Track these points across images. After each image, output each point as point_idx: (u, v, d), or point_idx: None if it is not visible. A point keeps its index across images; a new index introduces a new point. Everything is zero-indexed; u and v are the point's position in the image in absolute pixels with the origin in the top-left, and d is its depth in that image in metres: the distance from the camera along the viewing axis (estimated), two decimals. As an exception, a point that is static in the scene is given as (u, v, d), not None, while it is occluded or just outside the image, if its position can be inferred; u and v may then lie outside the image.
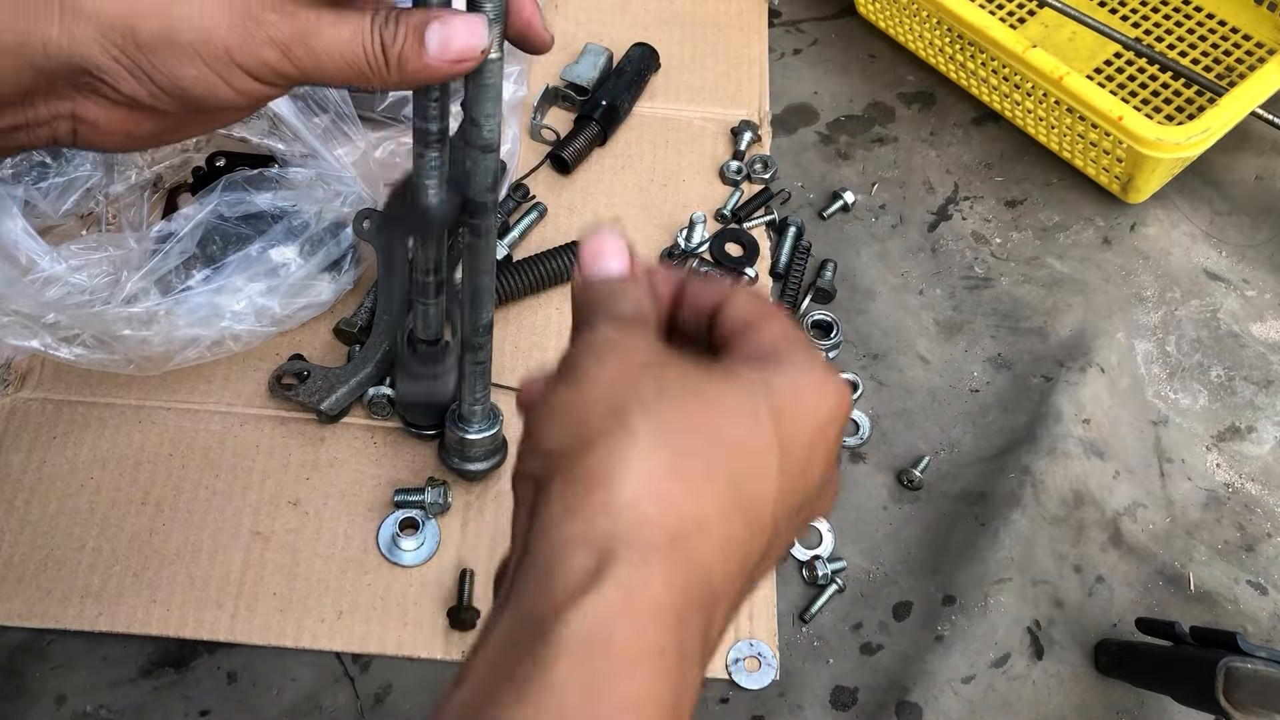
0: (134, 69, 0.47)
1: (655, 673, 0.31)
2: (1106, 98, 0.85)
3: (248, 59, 0.47)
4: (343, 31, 0.48)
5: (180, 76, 0.47)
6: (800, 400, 0.37)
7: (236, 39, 0.47)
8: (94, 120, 0.49)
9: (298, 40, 0.47)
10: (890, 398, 0.85)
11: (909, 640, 0.74)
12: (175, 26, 0.46)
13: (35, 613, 0.73)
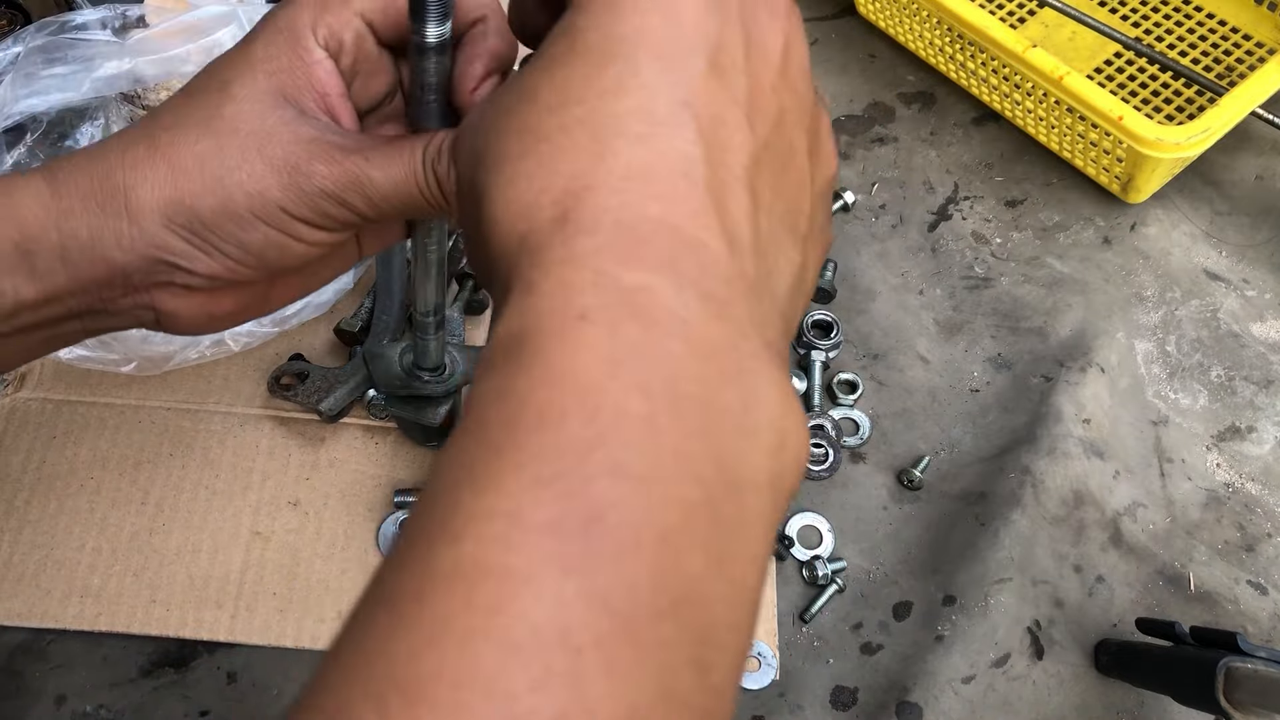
0: (204, 246, 0.47)
1: None
2: (1106, 98, 0.85)
3: (306, 213, 0.47)
4: (394, 173, 0.47)
5: (247, 243, 0.47)
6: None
7: (291, 198, 0.47)
8: (173, 310, 0.50)
9: (351, 189, 0.47)
10: (890, 398, 0.85)
11: (909, 640, 0.74)
12: (231, 196, 0.46)
13: (35, 612, 0.73)
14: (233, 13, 0.81)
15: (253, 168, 0.46)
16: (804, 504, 0.80)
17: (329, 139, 0.48)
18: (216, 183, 0.46)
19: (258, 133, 0.47)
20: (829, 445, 0.81)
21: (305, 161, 0.47)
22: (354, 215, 0.48)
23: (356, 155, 0.47)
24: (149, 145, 0.47)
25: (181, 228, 0.47)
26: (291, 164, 0.47)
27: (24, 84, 0.77)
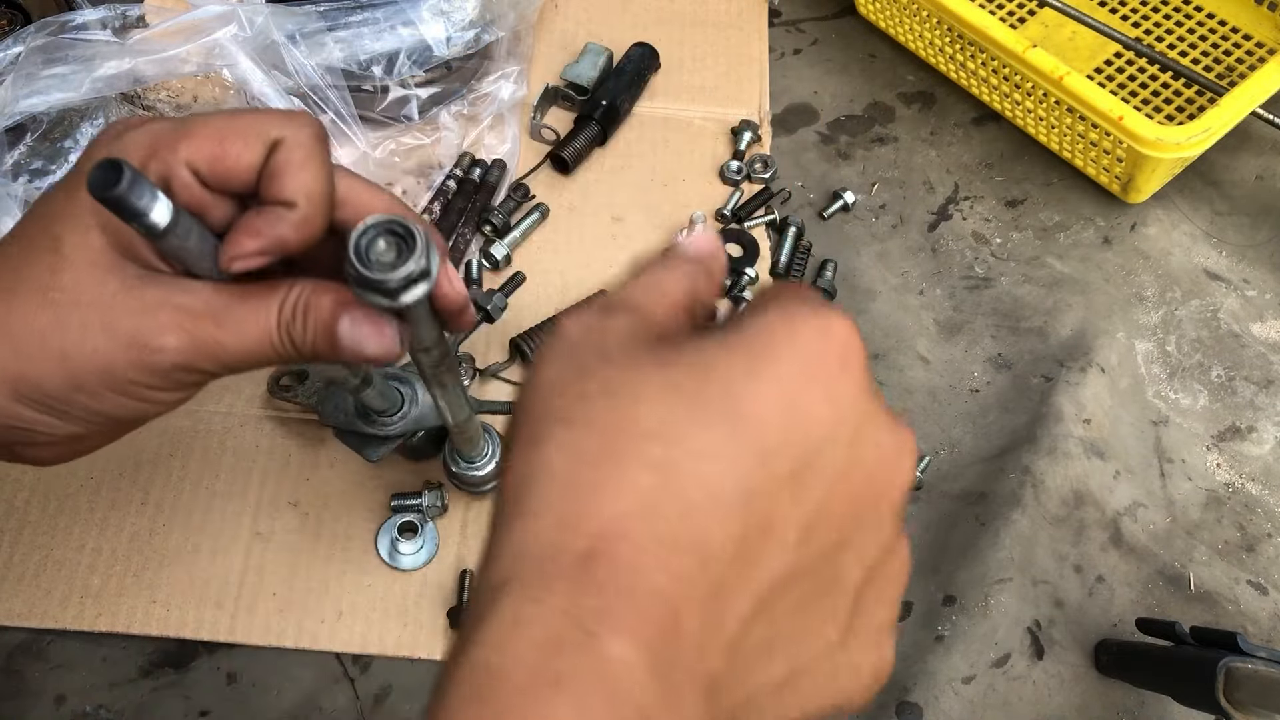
0: (55, 413, 0.47)
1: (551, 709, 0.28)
2: (1107, 98, 0.85)
3: (157, 381, 0.46)
4: (248, 332, 0.46)
5: (99, 409, 0.47)
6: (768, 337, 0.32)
7: (139, 372, 0.46)
8: (34, 457, 0.49)
9: (204, 355, 0.46)
10: (890, 398, 0.85)
11: (909, 640, 0.74)
12: (77, 373, 0.45)
13: (35, 613, 0.73)
14: (233, 12, 0.81)
15: (97, 344, 0.45)
16: (804, 504, 0.80)
17: (174, 302, 0.46)
18: (61, 360, 0.45)
19: (98, 304, 0.45)
20: (829, 445, 0.81)
21: (153, 336, 0.45)
22: (205, 378, 0.48)
23: (206, 320, 0.46)
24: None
25: (29, 401, 0.46)
26: (139, 340, 0.45)
27: (24, 84, 0.77)
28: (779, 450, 0.31)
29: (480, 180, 0.93)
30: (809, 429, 0.32)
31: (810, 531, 0.32)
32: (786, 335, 0.32)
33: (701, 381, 0.32)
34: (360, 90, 0.89)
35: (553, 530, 0.30)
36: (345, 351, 0.47)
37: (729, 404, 0.31)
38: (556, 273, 0.90)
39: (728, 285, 0.88)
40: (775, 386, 0.32)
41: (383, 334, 0.47)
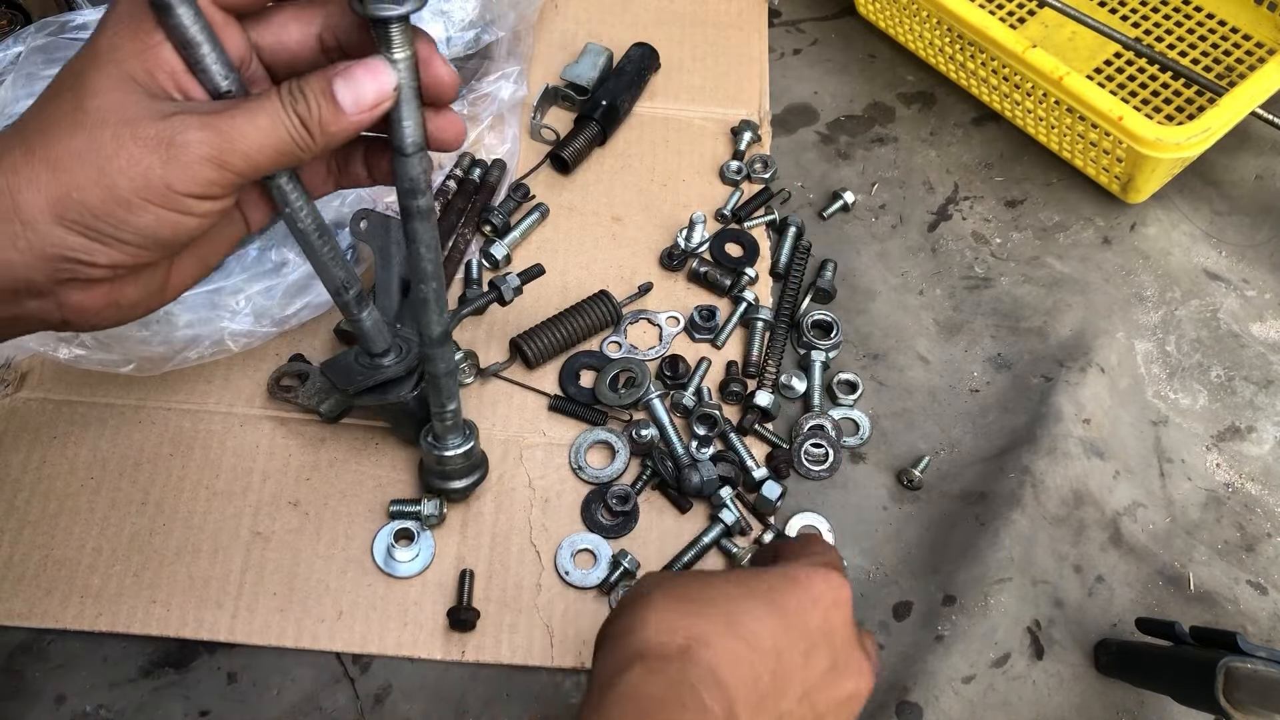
0: (99, 236, 0.48)
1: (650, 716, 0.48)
2: (1106, 98, 0.85)
3: (189, 184, 0.48)
4: (260, 121, 0.49)
5: (140, 226, 0.49)
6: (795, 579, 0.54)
7: (172, 172, 0.48)
8: (78, 304, 0.51)
9: (227, 148, 0.49)
10: (890, 398, 0.85)
11: (909, 640, 0.74)
12: (115, 184, 0.47)
13: (35, 612, 0.73)
14: (233, 13, 0.81)
15: (130, 153, 0.47)
16: (804, 504, 0.80)
17: (192, 108, 0.49)
18: (98, 173, 0.47)
19: (125, 119, 0.48)
20: (829, 445, 0.81)
21: (178, 134, 0.48)
22: (234, 175, 0.49)
23: (223, 115, 0.49)
24: (24, 150, 0.48)
25: (74, 223, 0.48)
26: (165, 140, 0.48)
27: (25, 84, 0.77)
28: (797, 634, 0.52)
29: (480, 180, 0.93)
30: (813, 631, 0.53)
31: (809, 692, 0.53)
32: (806, 576, 0.54)
33: (753, 580, 0.54)
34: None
35: (660, 634, 0.51)
36: (345, 105, 0.49)
37: (772, 598, 0.53)
38: (557, 272, 0.90)
39: (728, 285, 0.88)
40: (796, 600, 0.54)
41: (377, 75, 0.50)
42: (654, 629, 0.51)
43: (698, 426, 0.81)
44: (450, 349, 0.66)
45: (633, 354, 0.86)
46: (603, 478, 0.80)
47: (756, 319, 0.86)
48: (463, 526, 0.78)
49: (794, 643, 0.52)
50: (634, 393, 0.82)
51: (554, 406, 0.83)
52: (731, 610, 0.52)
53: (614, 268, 0.90)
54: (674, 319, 0.87)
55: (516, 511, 0.78)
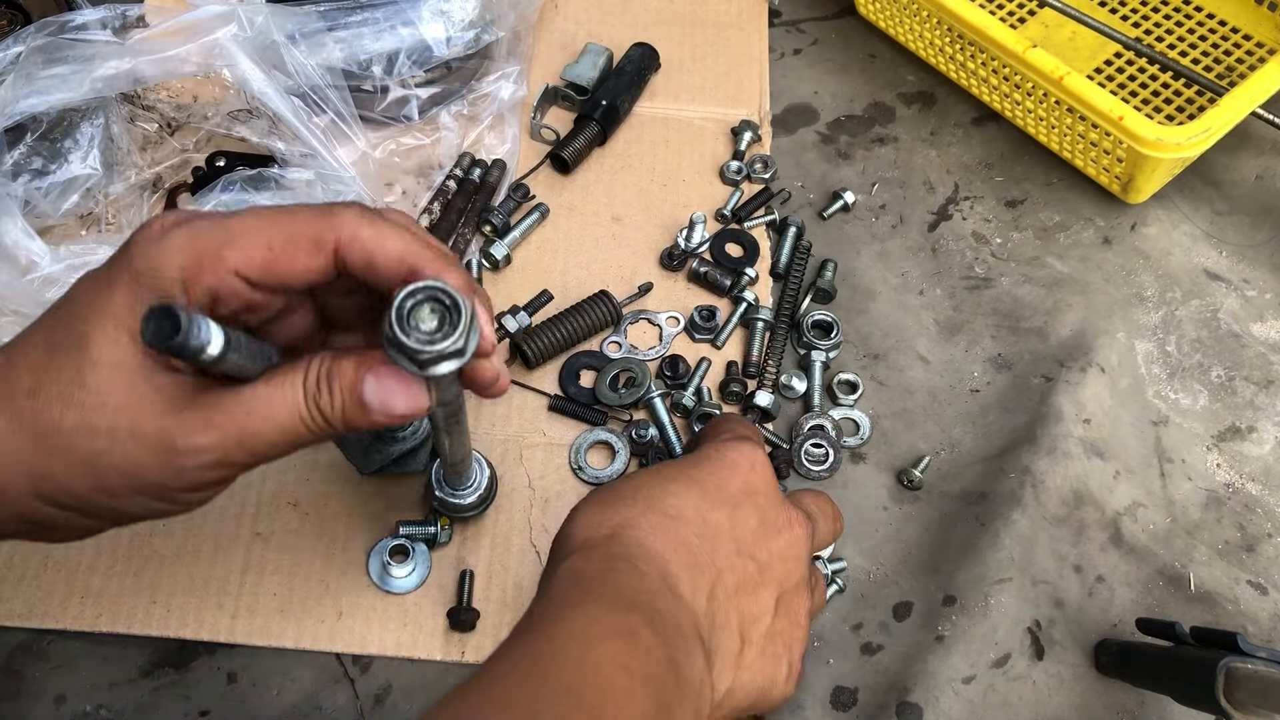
0: (77, 514, 0.46)
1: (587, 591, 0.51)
2: (1107, 98, 0.85)
3: (185, 483, 0.46)
4: (278, 415, 0.46)
5: (123, 511, 0.46)
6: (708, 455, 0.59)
7: (169, 475, 0.45)
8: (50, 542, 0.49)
9: (235, 449, 0.45)
10: (890, 398, 0.85)
11: (909, 640, 0.74)
12: (104, 478, 0.45)
13: (35, 613, 0.73)
14: (233, 12, 0.81)
15: (125, 450, 0.44)
16: (804, 504, 0.80)
17: (203, 400, 0.45)
18: (87, 465, 0.44)
19: (126, 407, 0.44)
20: (829, 445, 0.81)
21: (183, 437, 0.44)
22: (235, 472, 0.47)
23: (236, 412, 0.45)
24: (12, 416, 0.44)
25: (51, 500, 0.45)
26: (167, 443, 0.44)
27: (24, 84, 0.77)
28: (718, 500, 0.57)
29: (480, 180, 0.93)
30: (734, 494, 0.58)
31: (743, 547, 0.56)
32: (717, 451, 0.59)
33: (669, 468, 0.59)
34: (360, 90, 0.89)
35: (588, 529, 0.55)
36: (373, 411, 0.46)
37: (690, 475, 0.58)
38: (557, 272, 0.90)
39: (728, 285, 0.88)
40: (713, 473, 0.58)
41: (410, 392, 0.47)
42: (582, 526, 0.55)
43: (698, 427, 0.81)
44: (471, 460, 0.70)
45: (633, 354, 0.86)
46: (603, 478, 0.80)
47: (756, 319, 0.86)
48: (462, 527, 0.77)
49: (717, 507, 0.56)
50: (634, 392, 0.82)
51: (554, 406, 0.83)
52: (652, 495, 0.56)
53: (614, 268, 0.90)
54: (674, 319, 0.87)
55: (516, 512, 0.78)
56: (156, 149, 0.92)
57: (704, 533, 0.55)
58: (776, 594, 0.57)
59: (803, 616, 0.59)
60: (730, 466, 0.58)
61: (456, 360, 0.44)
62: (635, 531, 0.54)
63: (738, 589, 0.56)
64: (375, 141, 0.91)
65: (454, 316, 0.43)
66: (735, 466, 0.58)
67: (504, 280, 0.89)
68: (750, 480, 0.58)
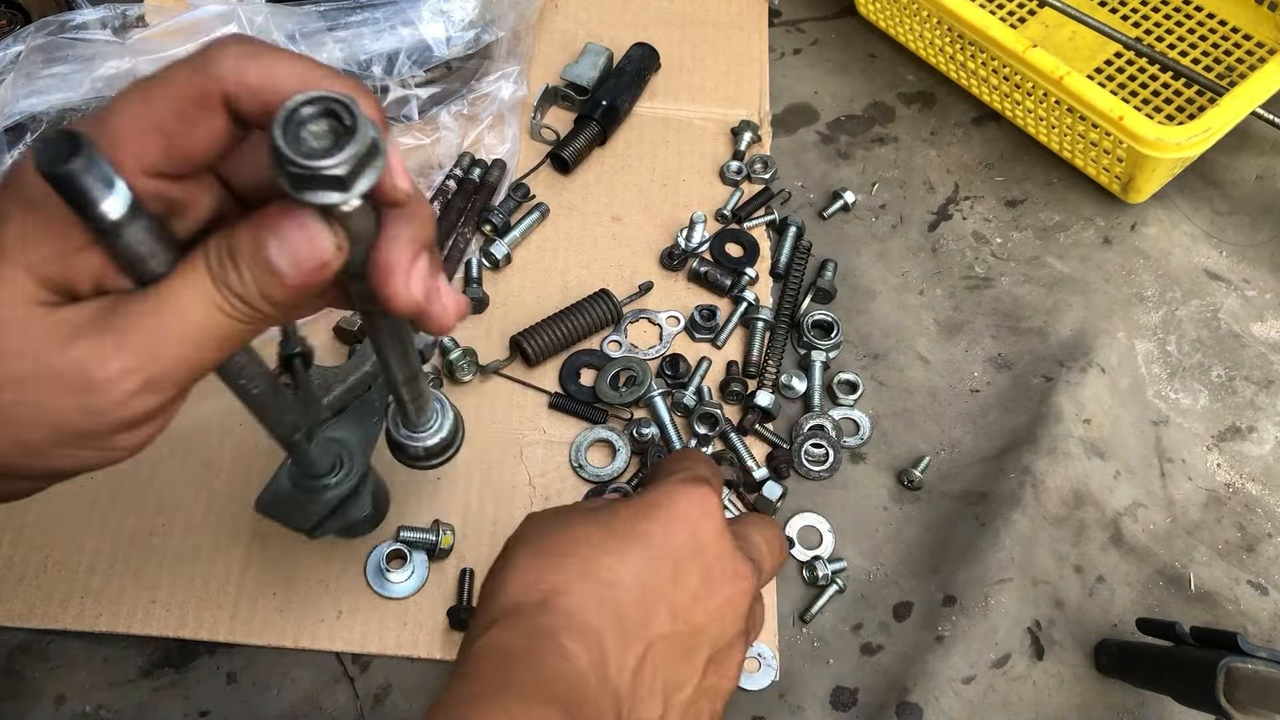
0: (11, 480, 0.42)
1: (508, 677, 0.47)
2: (1107, 98, 0.85)
3: (113, 422, 0.40)
4: (193, 315, 0.39)
5: (59, 468, 0.42)
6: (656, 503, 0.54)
7: (89, 418, 0.39)
8: None
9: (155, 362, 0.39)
10: (890, 398, 0.85)
11: (909, 640, 0.74)
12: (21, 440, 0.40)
13: (35, 613, 0.73)
14: (232, 12, 0.81)
15: (38, 399, 0.38)
16: (804, 504, 0.80)
17: (112, 321, 0.39)
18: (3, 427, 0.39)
19: (28, 349, 0.38)
20: (829, 445, 0.81)
21: (98, 366, 0.38)
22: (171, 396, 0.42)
23: (146, 320, 0.39)
24: None
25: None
26: (83, 379, 0.38)
27: (24, 84, 0.77)
28: (660, 560, 0.53)
29: (480, 180, 0.93)
30: (679, 552, 0.53)
31: (680, 612, 0.53)
32: (668, 498, 0.54)
33: (613, 518, 0.54)
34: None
35: (518, 593, 0.51)
36: (284, 272, 0.39)
37: (633, 530, 0.53)
38: (557, 272, 0.90)
39: (728, 285, 0.88)
40: (660, 525, 0.53)
41: (312, 236, 0.39)
42: (514, 586, 0.51)
43: (698, 426, 0.81)
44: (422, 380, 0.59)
45: (633, 353, 0.86)
46: (603, 476, 0.80)
47: (757, 319, 0.86)
48: (463, 525, 0.77)
49: (658, 568, 0.52)
50: (635, 391, 0.82)
51: (554, 404, 0.83)
52: (590, 555, 0.52)
53: (614, 267, 0.90)
54: (674, 318, 0.87)
55: (516, 510, 0.78)
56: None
57: (641, 599, 0.52)
58: (709, 654, 0.54)
59: (733, 669, 0.56)
60: (680, 518, 0.54)
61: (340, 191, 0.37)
62: (568, 600, 0.50)
63: (668, 658, 0.53)
64: (375, 141, 0.91)
65: (350, 133, 0.36)
66: (684, 517, 0.54)
67: (504, 280, 0.89)
68: (698, 532, 0.54)
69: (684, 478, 0.56)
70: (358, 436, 0.66)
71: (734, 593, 0.55)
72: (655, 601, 0.52)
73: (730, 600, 0.55)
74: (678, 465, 0.59)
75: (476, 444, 0.81)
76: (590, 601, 0.50)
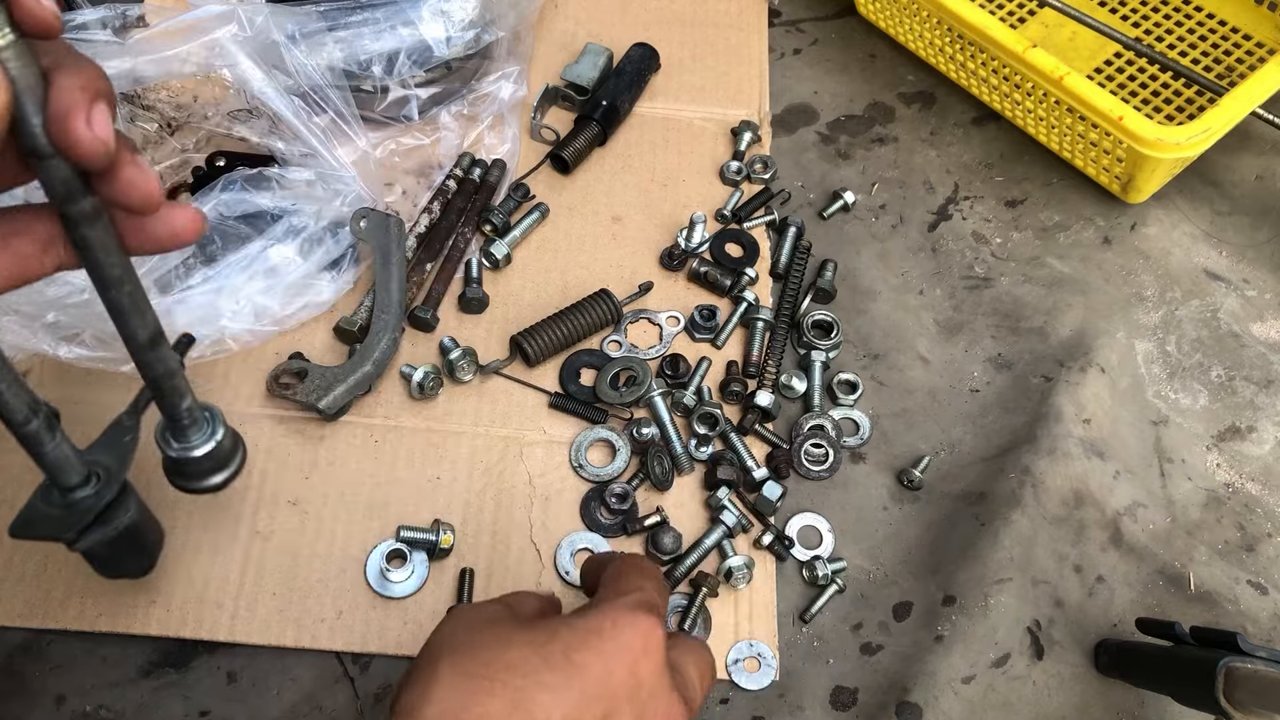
0: None
1: None
2: (1107, 98, 0.85)
3: None
4: None
5: None
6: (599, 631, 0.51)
7: None
8: None
9: None
10: (890, 398, 0.85)
11: (909, 640, 0.74)
12: None
13: (36, 613, 0.73)
14: (233, 12, 0.81)
15: None
16: (804, 504, 0.80)
17: None
18: None
19: None
20: (829, 445, 0.81)
21: None
22: None
23: None
24: None
25: None
26: None
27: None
28: (596, 701, 0.49)
29: (480, 180, 0.93)
30: (615, 690, 0.50)
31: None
32: (612, 627, 0.51)
33: (551, 643, 0.50)
34: (360, 90, 0.89)
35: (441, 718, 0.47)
36: None
37: (570, 661, 0.50)
38: (557, 272, 0.90)
39: (728, 285, 0.88)
40: (600, 659, 0.50)
41: None
42: (435, 710, 0.48)
43: (698, 426, 0.81)
44: (165, 348, 0.55)
45: (633, 353, 0.86)
46: (603, 476, 0.80)
47: (757, 319, 0.86)
48: (463, 525, 0.77)
49: (590, 708, 0.50)
50: (635, 391, 0.82)
51: (554, 404, 0.83)
52: (523, 685, 0.49)
53: (614, 267, 0.90)
54: (674, 319, 0.87)
55: (516, 509, 0.78)
56: (156, 149, 0.92)
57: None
58: None
59: None
60: (622, 651, 0.51)
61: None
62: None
63: None
64: (375, 141, 0.91)
65: None
66: (627, 651, 0.51)
67: (504, 280, 0.89)
68: (639, 671, 0.51)
69: (632, 603, 0.53)
70: (113, 454, 0.62)
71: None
72: None
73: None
74: (629, 585, 0.56)
75: (477, 444, 0.81)
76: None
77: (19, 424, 0.53)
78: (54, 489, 0.58)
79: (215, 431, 0.61)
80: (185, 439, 0.60)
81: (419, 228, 0.89)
